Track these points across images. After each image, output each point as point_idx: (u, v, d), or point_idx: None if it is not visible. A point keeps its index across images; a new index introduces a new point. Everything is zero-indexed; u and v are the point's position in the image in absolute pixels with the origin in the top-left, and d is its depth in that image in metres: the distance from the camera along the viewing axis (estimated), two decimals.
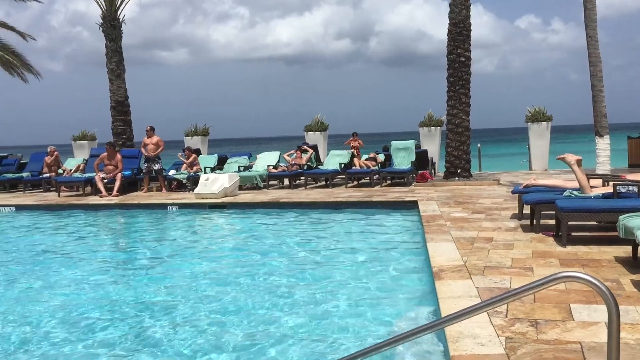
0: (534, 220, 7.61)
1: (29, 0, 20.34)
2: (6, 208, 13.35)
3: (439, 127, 18.08)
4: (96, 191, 14.43)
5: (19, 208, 13.36)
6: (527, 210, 8.28)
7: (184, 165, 15.64)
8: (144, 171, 15.03)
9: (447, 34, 14.38)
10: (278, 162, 15.86)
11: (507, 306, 4.35)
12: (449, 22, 14.33)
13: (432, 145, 17.70)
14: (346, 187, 14.33)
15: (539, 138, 17.52)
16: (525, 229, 7.80)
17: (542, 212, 7.48)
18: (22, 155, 18.70)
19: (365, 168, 15.17)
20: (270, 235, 9.62)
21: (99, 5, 17.56)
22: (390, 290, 5.87)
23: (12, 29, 20.13)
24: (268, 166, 15.36)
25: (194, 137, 19.54)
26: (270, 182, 15.05)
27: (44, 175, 16.29)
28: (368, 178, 14.78)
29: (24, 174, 16.80)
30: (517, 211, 8.81)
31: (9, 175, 16.83)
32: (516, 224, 8.22)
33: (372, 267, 6.89)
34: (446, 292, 4.85)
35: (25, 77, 20.39)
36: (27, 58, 20.33)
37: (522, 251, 6.42)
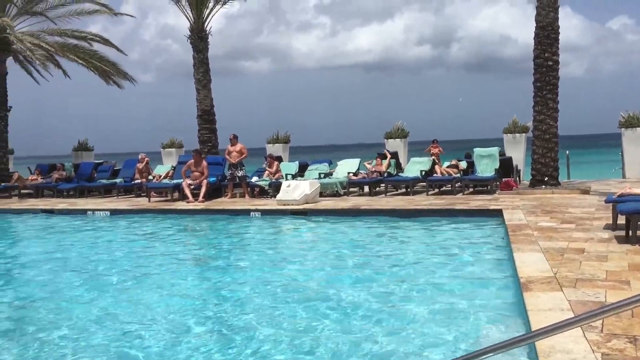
0: (630, 232, 7.21)
1: (123, 15, 21.61)
2: (101, 212, 14.14)
3: (524, 134, 17.49)
4: (183, 197, 15.00)
5: (113, 212, 14.11)
6: (621, 220, 7.86)
7: (266, 172, 15.97)
8: (228, 178, 15.48)
9: (534, 38, 13.92)
10: (358, 169, 15.89)
11: (603, 321, 4.15)
12: (535, 25, 13.87)
13: (517, 152, 17.15)
14: (427, 194, 14.14)
15: (634, 144, 16.58)
16: (620, 240, 7.40)
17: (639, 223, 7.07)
18: (116, 162, 19.71)
19: (446, 175, 14.92)
20: (350, 242, 9.64)
21: (188, 19, 18.28)
22: (475, 300, 5.73)
23: (107, 42, 21.35)
24: (348, 173, 15.41)
25: (276, 144, 19.90)
26: (351, 189, 15.09)
27: (136, 181, 17.09)
28: (450, 186, 14.54)
29: (118, 180, 17.69)
30: (610, 221, 8.37)
31: (104, 181, 17.79)
32: (610, 234, 7.82)
33: (454, 277, 6.75)
34: (536, 305, 4.69)
35: (121, 84, 21.56)
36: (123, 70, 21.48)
37: (617, 263, 6.09)
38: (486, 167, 14.49)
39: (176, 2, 18.22)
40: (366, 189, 15.36)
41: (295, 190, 13.09)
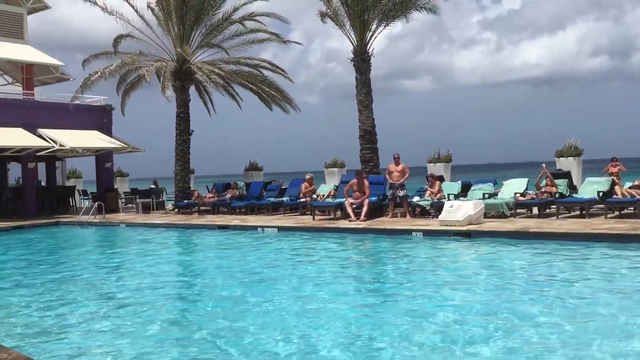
0: None
1: (292, 43, 22.88)
2: (270, 229, 14.90)
3: None
4: (346, 215, 15.30)
5: (281, 229, 14.81)
6: None
7: (428, 191, 15.75)
8: (389, 197, 15.52)
9: None
10: (526, 189, 15.04)
11: None
12: None
13: None
14: (605, 217, 12.95)
15: None
16: None
17: None
18: (283, 181, 20.73)
19: (629, 197, 13.55)
20: (519, 268, 9.13)
21: (351, 42, 18.78)
22: None
23: (275, 68, 22.65)
24: (515, 193, 14.65)
25: (437, 163, 19.58)
26: (518, 211, 14.32)
27: (301, 200, 17.79)
28: (633, 208, 13.18)
29: (284, 198, 18.56)
30: None
31: (272, 199, 18.78)
32: None
33: None
34: None
35: (287, 109, 22.75)
36: (289, 93, 22.68)
37: None
38: None
39: (340, 26, 18.82)
40: (535, 210, 14.49)
41: (459, 211, 12.74)
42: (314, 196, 17.76)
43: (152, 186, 23.61)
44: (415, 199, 15.68)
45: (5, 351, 4.89)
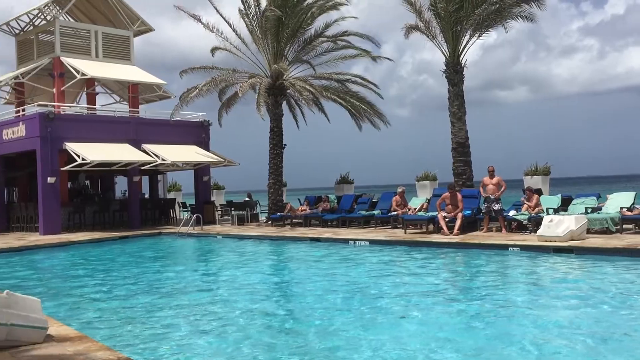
0: None
1: (383, 59, 23.00)
2: (361, 242, 14.91)
3: None
4: (438, 229, 15.04)
5: (372, 242, 14.77)
6: None
7: (525, 205, 15.17)
8: (483, 211, 15.10)
9: None
10: (633, 203, 14.12)
11: None
12: None
13: None
14: None
15: None
16: None
17: None
18: (374, 195, 20.68)
19: None
20: (629, 288, 8.56)
21: (443, 53, 18.53)
22: None
23: (366, 82, 22.75)
24: (621, 208, 13.80)
25: (534, 176, 18.83)
26: (624, 226, 13.48)
27: (392, 213, 17.67)
28: None
29: (375, 212, 18.51)
30: None
31: (363, 212, 18.78)
32: None
33: None
34: None
35: (376, 124, 22.76)
36: (380, 107, 22.67)
37: None
38: None
39: (432, 38, 18.62)
40: None
41: (559, 226, 12.17)
42: (406, 209, 17.58)
43: (247, 199, 24.31)
44: (512, 213, 15.15)
45: (113, 354, 5.21)
